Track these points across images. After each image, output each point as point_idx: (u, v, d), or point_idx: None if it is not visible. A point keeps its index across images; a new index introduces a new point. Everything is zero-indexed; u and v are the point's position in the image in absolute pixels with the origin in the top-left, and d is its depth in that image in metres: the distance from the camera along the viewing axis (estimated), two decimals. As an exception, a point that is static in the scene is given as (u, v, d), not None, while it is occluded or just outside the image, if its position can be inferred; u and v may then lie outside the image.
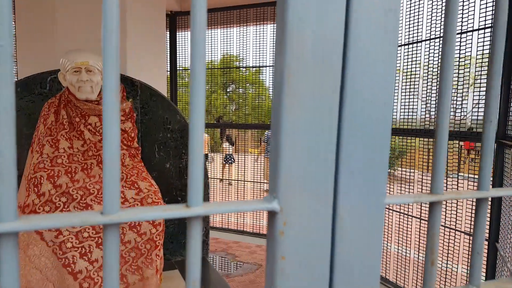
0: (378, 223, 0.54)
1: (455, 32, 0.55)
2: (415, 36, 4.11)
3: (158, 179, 3.21)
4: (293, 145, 0.48)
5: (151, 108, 3.48)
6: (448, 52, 0.56)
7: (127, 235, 2.21)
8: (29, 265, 2.06)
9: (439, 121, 0.57)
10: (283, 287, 0.50)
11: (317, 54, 0.47)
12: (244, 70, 6.82)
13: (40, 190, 2.11)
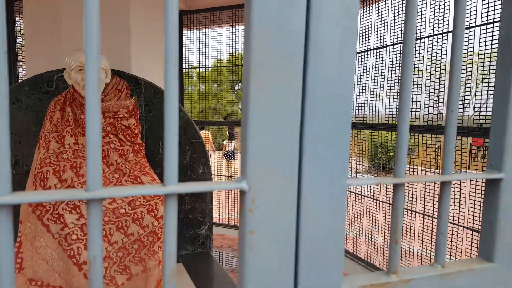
0: (340, 203, 0.59)
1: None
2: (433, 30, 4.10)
3: (162, 175, 3.28)
4: (260, 132, 0.53)
5: (155, 106, 3.55)
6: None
7: (130, 228, 2.28)
8: (36, 256, 2.14)
9: (400, 116, 0.62)
10: (251, 259, 0.55)
11: (280, 48, 0.52)
12: None
13: (46, 184, 2.19)
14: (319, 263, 0.59)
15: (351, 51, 0.56)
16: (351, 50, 0.56)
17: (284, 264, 0.57)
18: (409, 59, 0.61)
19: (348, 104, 0.57)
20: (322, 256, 0.59)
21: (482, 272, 0.71)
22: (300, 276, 0.58)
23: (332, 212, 0.59)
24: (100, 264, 0.49)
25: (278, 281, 0.57)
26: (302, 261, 0.58)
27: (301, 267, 0.58)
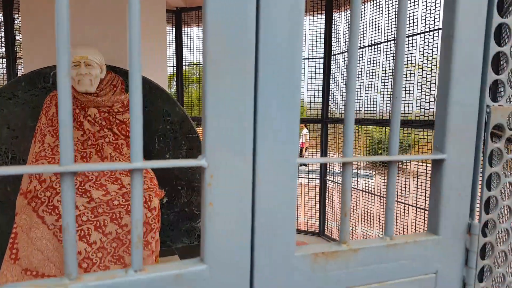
0: (291, 179, 0.66)
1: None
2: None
3: (158, 169, 3.35)
4: (217, 114, 0.61)
5: (150, 101, 3.62)
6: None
7: (124, 219, 2.36)
8: (31, 247, 2.22)
9: (346, 104, 0.69)
10: (211, 228, 0.63)
11: (233, 40, 0.60)
12: None
13: (41, 176, 2.26)
14: (274, 232, 0.67)
15: (299, 42, 0.63)
16: (298, 42, 0.63)
17: (241, 233, 0.65)
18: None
19: (297, 91, 0.64)
20: (276, 226, 0.67)
21: (427, 244, 0.78)
22: (256, 243, 0.66)
23: (284, 187, 0.66)
24: (73, 231, 0.56)
25: (236, 248, 0.64)
26: (257, 231, 0.66)
27: (257, 235, 0.66)
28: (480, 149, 0.79)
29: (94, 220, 2.32)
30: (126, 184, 2.45)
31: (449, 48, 0.74)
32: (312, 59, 5.42)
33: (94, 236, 2.29)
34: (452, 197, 0.79)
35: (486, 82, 0.77)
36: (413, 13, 4.10)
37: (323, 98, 5.53)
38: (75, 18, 3.96)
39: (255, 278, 0.66)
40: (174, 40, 6.26)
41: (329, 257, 0.71)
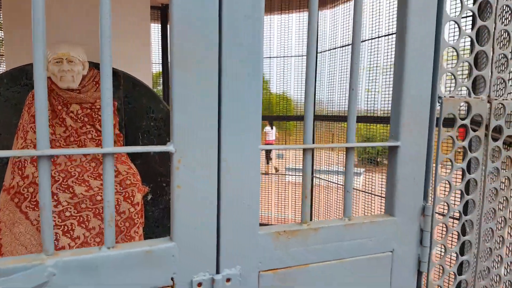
0: (255, 163, 0.72)
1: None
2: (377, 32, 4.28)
3: (143, 166, 3.37)
4: (183, 103, 0.66)
5: (134, 98, 3.63)
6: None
7: (107, 214, 2.38)
8: (15, 242, 2.23)
9: (305, 97, 0.75)
10: (179, 209, 0.68)
11: (197, 35, 0.65)
12: None
13: (24, 173, 2.27)
14: (239, 212, 0.72)
15: (260, 37, 0.68)
16: (259, 31, 0.68)
17: (208, 213, 0.70)
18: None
19: (259, 82, 0.70)
20: (241, 206, 0.72)
21: (383, 224, 0.85)
22: (222, 223, 0.71)
23: (248, 170, 0.71)
24: (49, 211, 0.61)
25: (203, 227, 0.70)
26: (223, 211, 0.71)
27: (222, 215, 0.71)
28: (433, 137, 0.86)
29: (77, 215, 2.34)
30: (122, 171, 2.48)
31: (402, 44, 0.81)
32: (299, 56, 5.48)
33: (78, 231, 2.31)
34: (406, 181, 0.85)
35: (438, 76, 0.84)
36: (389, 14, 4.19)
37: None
38: (58, 15, 3.94)
39: (221, 255, 0.71)
40: (160, 37, 6.25)
41: (290, 235, 0.76)
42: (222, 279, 0.71)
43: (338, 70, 4.90)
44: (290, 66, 5.50)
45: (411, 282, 0.90)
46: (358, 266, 0.84)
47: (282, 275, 0.77)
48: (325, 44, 5.18)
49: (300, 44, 5.58)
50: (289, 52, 5.31)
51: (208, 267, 0.71)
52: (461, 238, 0.97)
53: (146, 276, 0.66)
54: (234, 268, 0.73)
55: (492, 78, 0.91)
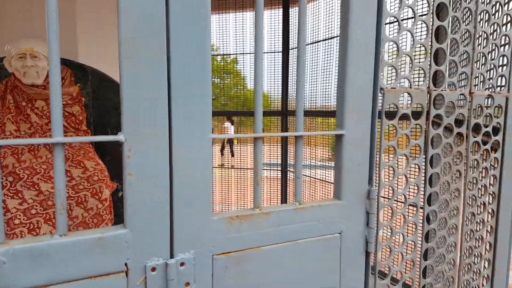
0: (207, 152, 0.75)
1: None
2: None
3: (112, 163, 3.34)
4: (133, 93, 0.68)
5: (102, 93, 3.58)
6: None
7: (75, 211, 2.36)
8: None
9: (255, 86, 0.79)
10: (131, 197, 0.70)
11: (145, 26, 0.67)
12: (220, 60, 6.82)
13: (3, 163, 2.22)
14: (192, 199, 0.75)
15: (205, 25, 0.72)
16: (205, 24, 0.72)
17: (161, 200, 0.73)
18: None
19: (207, 73, 0.73)
20: (194, 193, 0.75)
21: (331, 208, 0.90)
22: (175, 209, 0.74)
23: (200, 158, 0.75)
24: (0, 198, 0.62)
25: (156, 214, 0.73)
26: (176, 197, 0.74)
27: (175, 202, 0.74)
28: (375, 125, 0.92)
29: (43, 213, 2.31)
30: (76, 176, 2.45)
31: (345, 38, 0.86)
32: (271, 53, 5.52)
33: (45, 229, 2.28)
34: (352, 167, 0.91)
35: (379, 68, 0.90)
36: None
37: (283, 91, 5.67)
38: (22, 9, 3.83)
39: (175, 240, 0.74)
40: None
41: (243, 220, 0.80)
42: (176, 263, 0.74)
43: (310, 66, 4.98)
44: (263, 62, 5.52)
45: (359, 262, 0.96)
46: (309, 247, 0.89)
47: (236, 258, 0.82)
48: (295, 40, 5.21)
49: (271, 41, 5.62)
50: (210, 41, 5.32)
51: (162, 252, 0.74)
52: (406, 220, 1.04)
53: (99, 262, 0.69)
54: (187, 253, 0.76)
55: (431, 70, 0.98)
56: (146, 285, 0.72)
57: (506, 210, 1.27)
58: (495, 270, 1.31)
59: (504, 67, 1.18)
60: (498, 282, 1.34)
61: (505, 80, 1.17)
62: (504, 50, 1.16)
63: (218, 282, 0.80)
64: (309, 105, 5.11)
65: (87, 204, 2.40)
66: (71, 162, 2.48)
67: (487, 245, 1.29)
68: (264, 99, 5.44)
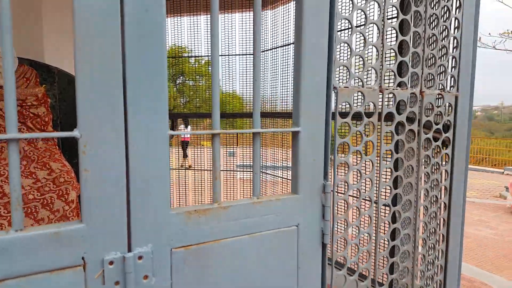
0: (163, 148, 0.77)
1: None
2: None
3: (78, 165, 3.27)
4: (88, 89, 0.69)
5: (70, 95, 3.51)
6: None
7: (40, 213, 2.31)
8: None
9: (211, 77, 0.81)
10: (87, 192, 0.71)
11: (101, 23, 0.69)
12: (193, 62, 6.75)
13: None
14: (149, 193, 0.77)
15: (160, 20, 0.74)
16: (160, 19, 0.74)
17: (118, 195, 0.74)
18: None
19: (164, 69, 0.75)
20: (151, 188, 0.77)
21: (289, 201, 0.94)
22: (132, 204, 0.76)
23: (157, 154, 0.77)
24: (-48, 195, 0.62)
25: (113, 209, 0.74)
26: (133, 193, 0.76)
27: (132, 197, 0.76)
28: (329, 122, 0.96)
29: (7, 215, 2.25)
30: (41, 178, 2.40)
31: (299, 39, 0.90)
32: (243, 55, 5.56)
33: (7, 233, 2.22)
34: (308, 162, 0.95)
35: (332, 68, 0.94)
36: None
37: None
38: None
39: (132, 234, 0.76)
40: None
41: (201, 213, 0.83)
42: (134, 257, 0.76)
43: (280, 68, 5.03)
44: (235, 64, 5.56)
45: (316, 253, 1.00)
46: (267, 239, 0.92)
47: (195, 251, 0.84)
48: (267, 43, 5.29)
49: (242, 43, 5.65)
50: (233, 51, 5.37)
51: (119, 246, 0.75)
52: (361, 213, 1.09)
53: (56, 257, 0.70)
54: (145, 246, 0.78)
55: (382, 70, 1.03)
56: (104, 279, 0.73)
57: (458, 203, 1.36)
58: (448, 260, 1.39)
59: (453, 68, 1.26)
60: (451, 272, 1.42)
61: (454, 80, 1.25)
62: (453, 51, 1.24)
63: (177, 275, 0.82)
64: (269, 107, 5.18)
65: (53, 206, 2.35)
66: (37, 164, 2.43)
67: (440, 236, 1.36)
68: (237, 101, 5.47)
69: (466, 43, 1.22)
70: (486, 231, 4.71)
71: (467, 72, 1.24)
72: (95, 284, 0.73)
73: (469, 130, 1.31)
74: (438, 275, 1.38)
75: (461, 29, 1.19)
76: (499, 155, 12.00)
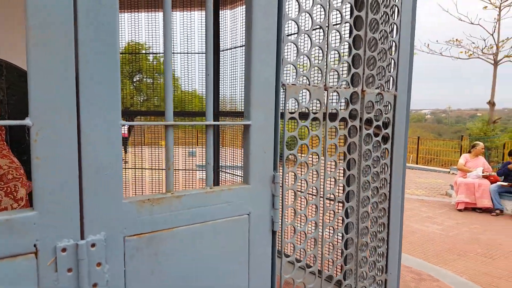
0: (116, 138, 0.80)
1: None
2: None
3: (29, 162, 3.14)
4: (40, 78, 0.71)
5: (20, 89, 3.36)
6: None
7: (-14, 212, 2.20)
8: None
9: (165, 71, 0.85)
10: (39, 179, 0.73)
11: (53, 10, 0.70)
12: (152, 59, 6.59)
13: None
14: (102, 182, 0.79)
15: (115, 13, 0.77)
16: (114, 13, 0.77)
17: (70, 183, 0.76)
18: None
19: (116, 59, 0.78)
20: (104, 177, 0.79)
21: (240, 191, 0.99)
22: (85, 192, 0.78)
23: (110, 144, 0.79)
24: None
25: (66, 197, 0.75)
26: (85, 181, 0.77)
27: (85, 185, 0.77)
28: (278, 117, 1.03)
29: None
30: (4, 165, 2.29)
31: (249, 39, 0.96)
32: (203, 53, 5.55)
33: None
34: (258, 154, 1.01)
35: (281, 66, 1.01)
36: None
37: (214, 92, 5.73)
38: None
39: (85, 221, 0.78)
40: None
41: (154, 203, 0.86)
42: (86, 244, 0.78)
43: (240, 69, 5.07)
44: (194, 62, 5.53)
45: (266, 240, 1.06)
46: (219, 227, 0.97)
47: (148, 239, 0.87)
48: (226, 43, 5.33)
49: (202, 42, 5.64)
50: (192, 49, 5.35)
51: (72, 233, 0.77)
52: (308, 202, 1.17)
53: (7, 244, 0.70)
54: (98, 234, 0.80)
55: (327, 69, 1.12)
56: (56, 266, 0.75)
57: (396, 194, 1.48)
58: (389, 247, 1.51)
59: (393, 70, 1.37)
60: (393, 257, 1.54)
61: (393, 81, 1.36)
62: (393, 54, 1.36)
63: (131, 263, 0.85)
64: (229, 108, 5.24)
65: (1, 203, 2.26)
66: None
67: (381, 226, 1.48)
68: (197, 100, 5.46)
69: (404, 47, 1.34)
70: (433, 227, 5.03)
71: (405, 73, 1.36)
72: (47, 272, 0.74)
73: (407, 127, 1.44)
74: (380, 261, 1.50)
75: (399, 34, 1.30)
76: (446, 155, 12.81)
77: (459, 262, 3.69)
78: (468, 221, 5.29)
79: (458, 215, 5.64)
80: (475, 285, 3.10)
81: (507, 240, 4.34)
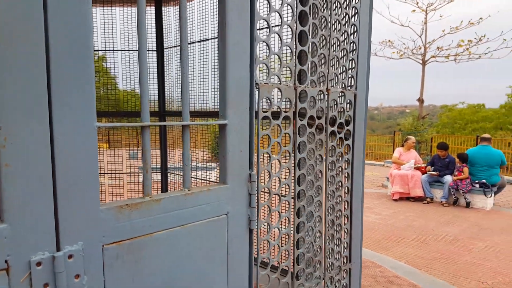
0: (92, 141, 0.75)
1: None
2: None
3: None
4: (7, 80, 0.64)
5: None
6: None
7: None
8: None
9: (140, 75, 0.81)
10: (9, 188, 0.66)
11: (21, 12, 0.64)
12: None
13: None
14: (77, 189, 0.74)
15: (87, 10, 0.72)
16: (86, 10, 0.72)
17: (43, 191, 0.70)
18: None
19: (90, 58, 0.73)
20: (79, 183, 0.74)
21: (218, 191, 0.98)
22: (59, 200, 0.72)
23: (85, 148, 0.74)
24: None
25: (39, 206, 0.69)
26: (60, 188, 0.72)
27: (59, 193, 0.72)
28: (253, 116, 1.03)
29: None
30: None
31: (223, 38, 0.95)
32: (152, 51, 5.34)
33: None
34: (235, 153, 1.01)
35: (254, 65, 1.01)
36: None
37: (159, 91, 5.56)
38: None
39: (61, 232, 0.72)
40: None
41: (133, 208, 0.82)
42: (64, 255, 0.72)
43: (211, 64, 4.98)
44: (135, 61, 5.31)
45: (244, 239, 1.06)
46: (199, 229, 0.95)
47: (128, 246, 0.83)
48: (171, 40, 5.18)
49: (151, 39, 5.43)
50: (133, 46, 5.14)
51: (47, 245, 0.71)
52: (282, 199, 1.19)
53: (-28, 263, 0.63)
54: (76, 244, 0.75)
55: (296, 69, 1.14)
56: (31, 282, 0.68)
57: (358, 187, 1.55)
58: (352, 237, 1.58)
59: (353, 69, 1.44)
60: (355, 247, 1.62)
61: (353, 79, 1.43)
62: (353, 54, 1.42)
63: (110, 272, 0.80)
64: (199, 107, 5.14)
65: None
66: None
67: (345, 218, 1.55)
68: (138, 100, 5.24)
69: (363, 47, 1.41)
70: (372, 216, 5.35)
71: (364, 72, 1.44)
72: (19, 289, 0.68)
73: (365, 124, 1.52)
74: (345, 252, 1.57)
75: (358, 34, 1.37)
76: (380, 150, 13.66)
77: (397, 248, 3.97)
78: (403, 209, 5.71)
79: (394, 204, 6.06)
80: (412, 268, 3.36)
81: (437, 226, 4.75)
